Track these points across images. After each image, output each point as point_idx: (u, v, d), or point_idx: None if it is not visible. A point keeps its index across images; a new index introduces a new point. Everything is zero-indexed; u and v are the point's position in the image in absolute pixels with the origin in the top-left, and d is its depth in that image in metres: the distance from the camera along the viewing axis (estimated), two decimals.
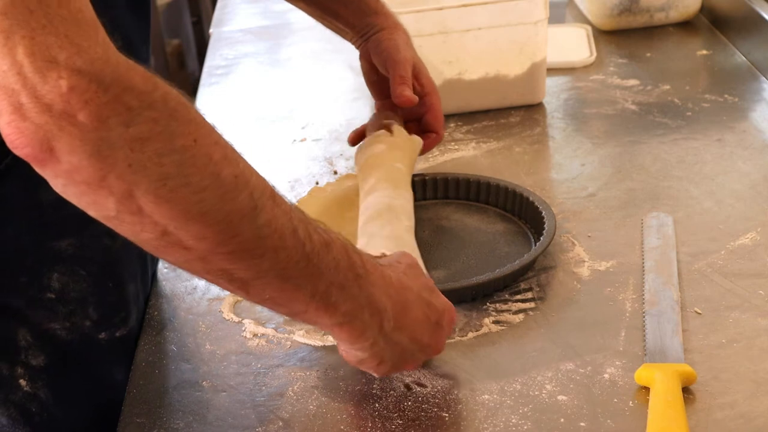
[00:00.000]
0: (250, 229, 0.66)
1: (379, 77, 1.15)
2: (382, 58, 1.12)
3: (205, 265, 0.67)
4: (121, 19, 0.87)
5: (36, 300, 0.87)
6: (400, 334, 0.79)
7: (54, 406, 0.89)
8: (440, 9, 1.28)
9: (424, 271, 0.87)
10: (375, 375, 0.85)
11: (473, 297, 0.95)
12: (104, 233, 0.90)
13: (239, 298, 0.99)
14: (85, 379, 0.92)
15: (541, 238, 0.99)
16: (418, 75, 1.13)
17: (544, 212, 1.03)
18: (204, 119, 0.65)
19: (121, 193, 0.61)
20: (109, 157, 0.59)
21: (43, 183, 0.84)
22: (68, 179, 0.61)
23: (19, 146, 0.58)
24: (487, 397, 0.83)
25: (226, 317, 0.96)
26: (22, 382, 0.87)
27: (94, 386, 0.92)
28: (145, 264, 1.00)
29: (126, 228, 0.64)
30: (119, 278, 0.93)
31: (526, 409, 0.81)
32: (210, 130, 0.65)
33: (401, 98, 1.09)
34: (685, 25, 1.60)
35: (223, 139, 0.66)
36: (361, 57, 1.16)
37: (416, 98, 1.10)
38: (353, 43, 1.18)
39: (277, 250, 0.68)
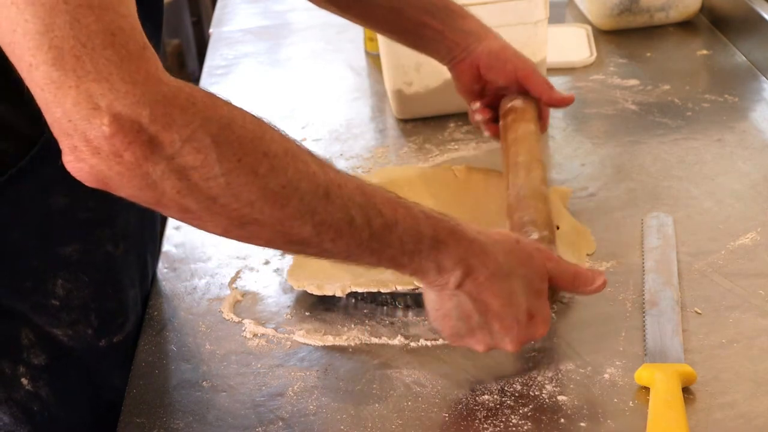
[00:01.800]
0: (303, 228, 0.70)
1: (480, 85, 1.14)
2: (506, 71, 1.11)
3: (270, 246, 0.74)
4: None
5: (40, 306, 0.87)
6: (465, 297, 0.80)
7: (55, 406, 0.89)
8: None
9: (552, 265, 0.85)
10: (442, 334, 0.84)
11: None
12: (108, 240, 0.91)
13: (239, 299, 0.99)
14: (85, 382, 0.92)
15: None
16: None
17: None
18: (253, 131, 0.68)
19: (178, 209, 0.67)
20: (157, 188, 0.65)
21: (54, 189, 0.84)
22: (132, 200, 0.67)
23: (82, 180, 0.65)
24: (487, 397, 0.83)
25: (226, 317, 0.96)
26: (24, 381, 0.87)
27: (94, 389, 0.93)
28: (145, 269, 1.00)
29: (192, 225, 0.70)
30: (119, 284, 0.94)
31: (526, 409, 0.81)
32: (257, 142, 0.67)
33: (565, 101, 1.12)
34: (685, 25, 1.60)
35: (275, 146, 0.69)
36: (466, 69, 1.13)
37: (573, 96, 1.13)
38: (446, 54, 1.13)
39: (334, 240, 0.72)
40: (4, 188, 0.82)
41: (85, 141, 0.62)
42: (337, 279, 0.96)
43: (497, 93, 1.14)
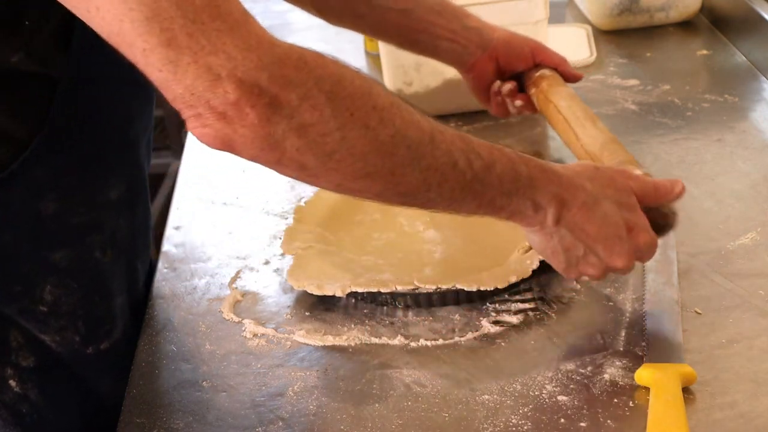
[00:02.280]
0: (412, 176, 0.75)
1: (498, 78, 1.16)
2: (524, 54, 1.14)
3: (379, 199, 0.77)
4: None
5: (28, 311, 0.87)
6: (565, 230, 0.84)
7: (44, 408, 0.89)
8: None
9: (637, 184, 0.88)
10: (557, 269, 0.88)
11: (471, 299, 0.95)
12: (97, 246, 0.90)
13: (239, 298, 0.99)
14: (73, 387, 0.92)
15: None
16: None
17: None
18: (361, 87, 0.71)
19: (296, 167, 0.70)
20: (278, 147, 0.68)
21: (44, 194, 0.84)
22: (253, 160, 0.70)
23: (207, 144, 0.68)
24: (487, 397, 0.83)
25: (226, 317, 0.96)
26: (12, 382, 0.87)
27: (82, 395, 0.93)
28: (135, 275, 0.99)
29: (306, 182, 0.74)
30: (107, 292, 0.93)
31: (526, 409, 0.81)
32: (366, 97, 0.71)
33: (576, 77, 1.17)
34: (685, 25, 1.60)
35: (381, 100, 0.72)
36: (485, 65, 1.15)
37: (582, 74, 1.18)
38: (462, 53, 1.14)
39: (440, 184, 0.76)
40: None
41: (210, 108, 0.65)
42: (337, 279, 0.96)
43: (510, 80, 1.17)
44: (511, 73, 1.16)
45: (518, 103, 1.17)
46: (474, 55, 1.14)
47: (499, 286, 0.94)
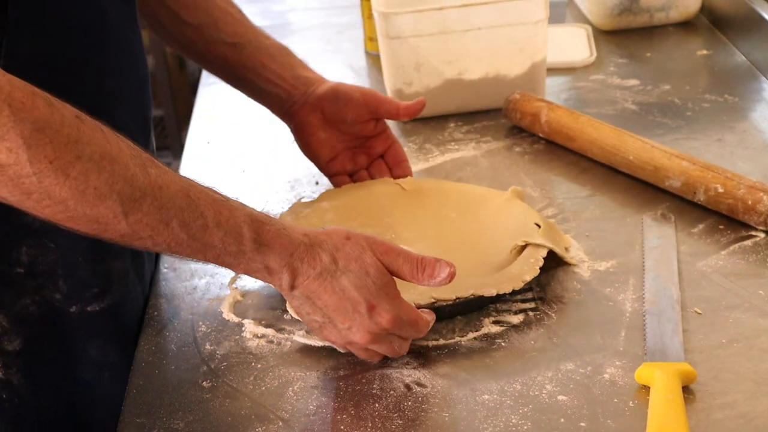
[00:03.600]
0: (119, 228, 0.75)
1: (327, 134, 1.11)
2: (354, 100, 1.09)
3: (88, 235, 0.77)
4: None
5: (6, 276, 0.87)
6: (303, 297, 0.84)
7: (25, 392, 0.89)
8: (440, 9, 1.28)
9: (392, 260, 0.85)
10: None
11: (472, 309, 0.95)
12: None
13: (239, 298, 0.99)
14: (58, 358, 0.91)
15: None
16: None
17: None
18: (68, 135, 0.72)
19: None
20: None
21: None
22: None
23: None
24: (487, 397, 0.83)
25: (226, 317, 0.96)
26: None
27: (68, 365, 0.92)
28: None
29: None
30: (95, 253, 0.92)
31: (526, 409, 0.81)
32: (70, 147, 0.72)
33: (410, 109, 1.10)
34: (685, 25, 1.60)
35: (90, 149, 0.73)
36: (308, 114, 1.10)
37: (424, 99, 1.12)
38: (286, 99, 1.10)
39: (152, 238, 0.77)
40: None
41: None
42: None
43: (347, 142, 1.12)
44: (340, 123, 1.10)
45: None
46: (297, 103, 1.10)
47: (516, 288, 0.94)
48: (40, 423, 0.92)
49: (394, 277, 0.85)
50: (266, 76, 1.09)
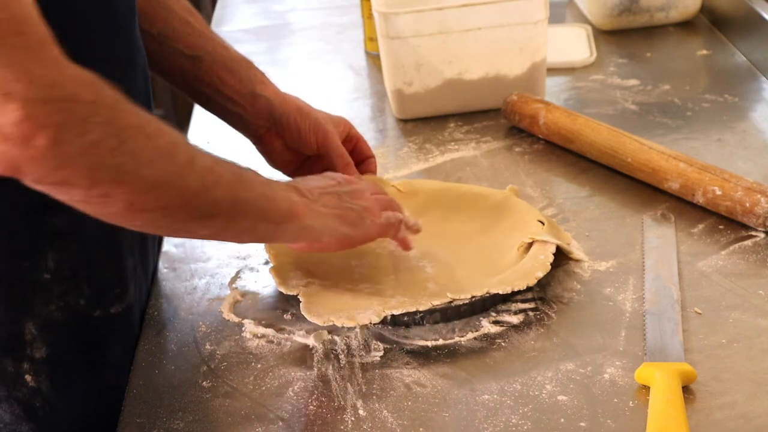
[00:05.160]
0: (191, 178, 0.77)
1: (291, 155, 1.08)
2: (308, 141, 1.06)
3: (165, 217, 0.77)
4: None
5: (36, 282, 0.87)
6: (314, 196, 0.90)
7: (55, 398, 0.89)
8: (440, 9, 1.28)
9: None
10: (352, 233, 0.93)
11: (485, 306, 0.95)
12: None
13: (239, 298, 0.99)
14: (84, 363, 0.91)
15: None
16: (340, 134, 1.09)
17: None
18: (131, 103, 0.72)
19: (86, 186, 0.69)
20: (69, 166, 0.67)
21: None
22: (38, 183, 0.69)
23: None
24: (487, 397, 0.83)
25: (226, 317, 0.96)
26: (28, 377, 0.87)
27: (94, 369, 0.92)
28: (145, 239, 0.99)
29: (93, 208, 0.73)
30: (113, 252, 0.92)
31: (526, 409, 0.81)
32: (139, 111, 0.73)
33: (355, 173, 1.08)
34: (685, 25, 1.60)
35: (145, 115, 0.74)
36: (273, 140, 1.06)
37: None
38: (249, 123, 1.06)
39: (216, 183, 0.79)
40: None
41: None
42: (361, 307, 0.92)
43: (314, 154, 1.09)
44: (301, 155, 1.07)
45: None
46: (262, 127, 1.05)
47: (530, 284, 0.94)
48: (74, 430, 0.92)
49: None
50: (226, 93, 1.05)
